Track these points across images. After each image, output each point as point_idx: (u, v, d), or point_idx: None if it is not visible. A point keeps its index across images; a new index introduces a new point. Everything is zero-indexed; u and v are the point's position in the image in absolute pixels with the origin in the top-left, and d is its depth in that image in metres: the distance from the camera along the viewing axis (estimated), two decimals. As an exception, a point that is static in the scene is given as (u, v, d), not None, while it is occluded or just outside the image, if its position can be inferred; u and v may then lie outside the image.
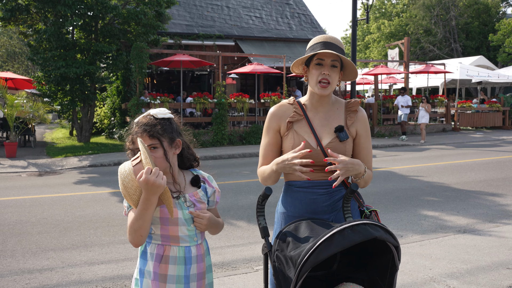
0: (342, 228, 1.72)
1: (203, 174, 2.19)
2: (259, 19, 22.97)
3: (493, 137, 18.01)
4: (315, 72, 2.23)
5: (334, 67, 2.22)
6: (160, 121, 2.02)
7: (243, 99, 16.34)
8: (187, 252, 2.01)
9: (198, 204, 2.06)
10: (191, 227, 2.03)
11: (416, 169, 10.56)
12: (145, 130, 1.98)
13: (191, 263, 2.01)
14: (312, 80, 2.25)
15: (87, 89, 15.51)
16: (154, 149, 1.99)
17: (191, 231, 2.03)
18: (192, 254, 2.02)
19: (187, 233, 2.02)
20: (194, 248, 2.04)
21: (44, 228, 5.99)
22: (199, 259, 2.05)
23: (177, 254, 1.99)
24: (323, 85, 2.22)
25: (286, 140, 2.29)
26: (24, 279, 4.32)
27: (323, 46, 2.21)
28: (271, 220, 2.53)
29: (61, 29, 14.54)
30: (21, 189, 8.70)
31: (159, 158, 1.99)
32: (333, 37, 2.26)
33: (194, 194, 2.07)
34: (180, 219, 2.01)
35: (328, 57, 2.21)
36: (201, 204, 2.08)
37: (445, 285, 3.95)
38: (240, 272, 4.38)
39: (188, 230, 2.03)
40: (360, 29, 48.16)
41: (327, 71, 2.21)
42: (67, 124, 22.96)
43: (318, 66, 2.22)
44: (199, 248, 2.06)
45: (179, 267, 1.99)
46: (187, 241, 2.02)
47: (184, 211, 2.02)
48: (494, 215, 6.50)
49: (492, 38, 34.04)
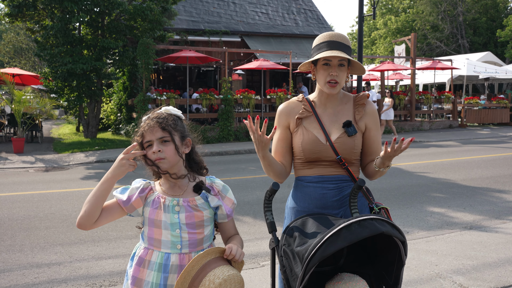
0: (349, 223, 1.73)
1: (217, 182, 2.06)
2: (265, 15, 22.93)
3: (500, 134, 17.90)
4: (322, 72, 2.23)
5: (341, 66, 2.22)
6: (173, 116, 2.02)
7: (249, 95, 16.34)
8: (165, 259, 1.90)
9: (191, 210, 1.95)
10: (175, 233, 1.91)
11: (422, 165, 10.53)
12: (158, 122, 1.95)
13: (168, 272, 1.89)
14: (321, 80, 2.26)
15: (93, 85, 15.58)
16: (165, 142, 1.94)
17: (175, 237, 1.92)
18: (170, 262, 1.90)
19: (169, 239, 1.91)
20: (175, 257, 1.91)
21: (52, 223, 6.04)
22: (181, 269, 1.88)
23: (156, 259, 1.91)
24: (332, 85, 2.22)
25: (295, 136, 2.31)
26: (33, 273, 4.36)
27: (329, 45, 2.20)
28: (278, 216, 2.54)
29: (67, 25, 14.61)
30: (29, 184, 8.77)
31: (170, 151, 1.94)
32: (338, 34, 2.24)
33: (190, 200, 1.96)
34: (164, 222, 1.92)
35: (335, 58, 2.20)
36: (196, 212, 1.95)
37: (451, 281, 3.95)
38: (247, 267, 4.40)
39: (172, 236, 1.91)
40: (366, 25, 47.93)
41: (334, 72, 2.21)
42: (74, 120, 23.08)
43: (326, 67, 2.22)
44: (182, 258, 1.91)
45: (155, 274, 1.90)
46: (168, 247, 1.92)
47: (172, 215, 1.93)
48: (501, 211, 6.48)
49: (500, 34, 33.79)
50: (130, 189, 1.99)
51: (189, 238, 1.93)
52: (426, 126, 19.97)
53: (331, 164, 2.25)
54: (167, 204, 1.94)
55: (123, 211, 1.96)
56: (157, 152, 1.92)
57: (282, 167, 2.32)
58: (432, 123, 20.20)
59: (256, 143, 2.13)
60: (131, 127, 16.02)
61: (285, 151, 2.34)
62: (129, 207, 1.94)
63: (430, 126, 20.10)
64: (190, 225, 1.94)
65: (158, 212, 1.94)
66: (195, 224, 1.95)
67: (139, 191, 1.97)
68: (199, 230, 1.96)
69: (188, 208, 1.95)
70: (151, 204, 1.96)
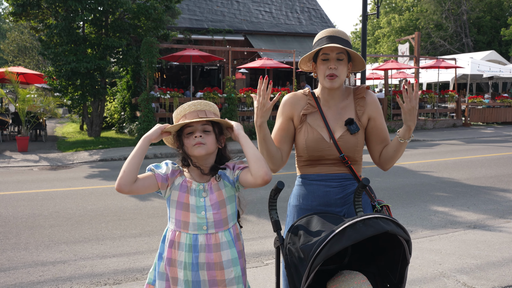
0: (354, 222, 1.74)
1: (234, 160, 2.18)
2: (269, 14, 22.91)
3: (504, 133, 17.84)
4: (322, 67, 2.25)
5: (340, 60, 2.24)
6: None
7: (253, 94, 16.32)
8: (194, 240, 2.02)
9: (213, 192, 2.06)
10: (201, 215, 2.03)
11: (426, 164, 10.51)
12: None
13: (197, 251, 2.01)
14: (321, 75, 2.28)
15: (97, 84, 15.61)
16: (206, 132, 2.06)
17: (201, 219, 2.03)
18: (199, 243, 2.02)
19: (196, 221, 2.03)
20: (202, 237, 2.02)
21: (56, 221, 6.07)
22: (209, 248, 2.02)
23: (185, 241, 2.03)
24: (331, 78, 2.23)
25: (299, 134, 2.31)
26: (38, 271, 4.39)
27: (327, 40, 2.22)
28: (281, 215, 2.55)
29: (71, 24, 14.64)
30: (33, 182, 8.81)
31: (211, 139, 2.07)
32: (337, 30, 2.27)
33: (212, 181, 2.08)
34: (192, 206, 2.04)
35: (333, 51, 2.22)
36: (216, 191, 2.07)
37: (455, 280, 3.95)
38: (251, 266, 4.41)
39: (198, 218, 2.03)
40: (370, 24, 47.84)
41: (333, 65, 2.22)
42: (78, 118, 23.14)
43: (325, 61, 2.24)
44: (209, 238, 2.03)
45: (186, 254, 2.02)
46: (195, 229, 2.03)
47: (199, 198, 2.05)
48: (505, 210, 6.47)
49: (504, 33, 33.65)
50: (164, 167, 2.10)
51: (214, 218, 2.05)
52: (430, 125, 19.92)
53: (334, 162, 2.26)
54: (194, 189, 2.06)
55: (155, 185, 2.07)
56: (199, 137, 2.03)
57: (277, 150, 2.32)
58: (436, 122, 20.16)
59: (258, 107, 2.18)
60: (134, 125, 16.05)
61: (284, 140, 2.35)
62: (162, 183, 2.07)
63: (434, 125, 20.06)
64: (214, 206, 2.06)
65: (186, 195, 2.06)
66: (218, 204, 2.06)
67: (170, 172, 2.10)
68: (222, 209, 2.07)
69: (211, 190, 2.07)
70: (179, 188, 2.08)
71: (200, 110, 2.07)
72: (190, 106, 2.08)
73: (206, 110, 2.08)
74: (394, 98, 19.53)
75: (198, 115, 2.05)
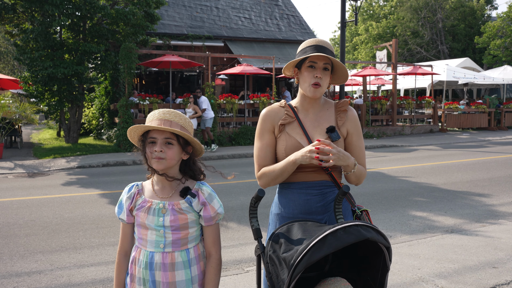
0: (335, 229, 1.74)
1: (204, 189, 2.08)
2: (248, 20, 22.99)
3: (479, 138, 18.23)
4: (307, 74, 2.26)
5: (325, 70, 2.26)
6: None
7: (232, 100, 16.34)
8: (150, 258, 2.01)
9: (176, 214, 2.00)
10: (160, 233, 2.00)
11: (404, 169, 10.65)
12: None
13: (153, 269, 2.00)
14: (305, 83, 2.27)
15: (75, 90, 15.39)
16: (169, 145, 1.99)
17: (159, 237, 2.01)
18: (154, 261, 2.00)
19: (154, 239, 2.01)
20: (158, 255, 2.00)
21: (32, 230, 5.93)
22: (164, 267, 2.00)
23: (143, 258, 2.03)
24: (316, 87, 2.24)
25: (279, 143, 2.31)
26: (12, 283, 4.27)
27: (315, 49, 2.24)
28: (262, 221, 2.54)
29: (48, 29, 14.40)
30: (8, 190, 8.61)
31: (172, 153, 1.99)
32: (324, 41, 2.30)
33: (175, 204, 2.02)
34: (149, 225, 2.01)
35: (320, 60, 2.24)
36: (180, 214, 2.01)
37: (434, 284, 4.00)
38: (231, 273, 4.38)
39: (156, 236, 2.01)
40: (348, 31, 48.43)
41: (319, 74, 2.24)
42: (55, 125, 22.75)
43: (311, 69, 2.25)
44: (165, 256, 2.00)
45: (143, 271, 2.02)
46: (152, 247, 2.02)
47: (157, 218, 2.01)
48: (481, 215, 6.59)
49: (477, 41, 34.48)
50: (124, 204, 2.09)
51: (172, 238, 2.01)
52: (407, 131, 20.23)
53: (315, 169, 2.26)
54: (153, 208, 2.02)
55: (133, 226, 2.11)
56: (159, 151, 1.97)
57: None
58: (413, 127, 20.48)
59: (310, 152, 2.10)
60: (113, 132, 15.86)
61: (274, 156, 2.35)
62: (131, 217, 2.09)
63: (412, 131, 20.37)
64: (174, 227, 2.01)
65: (145, 215, 2.03)
66: (179, 226, 2.02)
67: (130, 202, 2.09)
68: (183, 231, 2.03)
69: (173, 211, 2.01)
70: (139, 209, 2.05)
71: (166, 120, 1.98)
72: (159, 114, 2.01)
73: (173, 121, 1.99)
74: (373, 104, 19.79)
75: (162, 124, 1.96)
